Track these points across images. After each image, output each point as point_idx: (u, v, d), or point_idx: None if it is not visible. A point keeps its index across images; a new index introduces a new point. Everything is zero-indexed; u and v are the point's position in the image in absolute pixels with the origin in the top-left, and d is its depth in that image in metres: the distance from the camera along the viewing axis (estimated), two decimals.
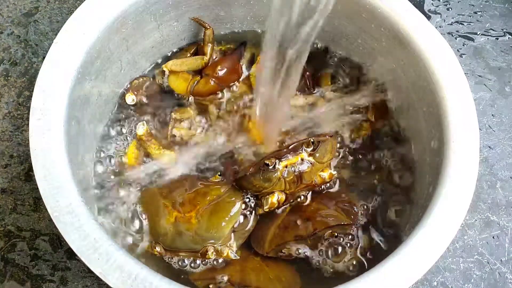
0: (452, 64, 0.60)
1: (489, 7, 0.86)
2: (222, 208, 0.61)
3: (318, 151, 0.61)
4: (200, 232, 0.60)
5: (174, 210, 0.61)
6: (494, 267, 0.68)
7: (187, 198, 0.62)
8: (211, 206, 0.61)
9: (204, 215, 0.61)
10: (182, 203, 0.62)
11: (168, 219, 0.61)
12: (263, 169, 0.60)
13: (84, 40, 0.60)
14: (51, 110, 0.56)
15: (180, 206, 0.61)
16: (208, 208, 0.61)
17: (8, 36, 0.81)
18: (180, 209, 0.61)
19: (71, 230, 0.51)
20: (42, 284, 0.65)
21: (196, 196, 0.62)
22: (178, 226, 0.61)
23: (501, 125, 0.77)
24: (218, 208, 0.61)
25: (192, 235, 0.60)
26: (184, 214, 0.61)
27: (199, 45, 0.73)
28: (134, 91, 0.70)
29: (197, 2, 0.71)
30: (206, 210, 0.61)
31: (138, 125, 0.67)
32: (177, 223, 0.61)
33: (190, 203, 0.61)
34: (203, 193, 0.62)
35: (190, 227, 0.60)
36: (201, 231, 0.60)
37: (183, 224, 0.60)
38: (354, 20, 0.69)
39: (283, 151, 0.61)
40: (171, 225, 0.61)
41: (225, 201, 0.62)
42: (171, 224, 0.61)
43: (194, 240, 0.60)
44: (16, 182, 0.71)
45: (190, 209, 0.61)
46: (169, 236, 0.61)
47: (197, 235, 0.60)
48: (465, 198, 0.54)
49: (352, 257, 0.61)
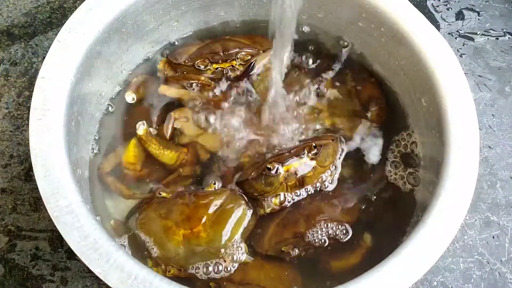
0: (452, 64, 0.60)
1: (489, 7, 0.86)
2: (228, 214, 0.61)
3: (320, 155, 0.62)
4: (213, 244, 0.59)
5: (179, 228, 0.59)
6: (494, 267, 0.68)
7: (190, 214, 0.60)
8: (216, 216, 0.60)
9: (213, 226, 0.59)
10: (186, 220, 0.60)
11: (176, 239, 0.59)
12: (265, 173, 0.60)
13: (84, 40, 0.60)
14: (51, 110, 0.56)
15: (185, 223, 0.60)
16: (213, 218, 0.60)
17: (8, 36, 0.81)
18: (186, 226, 0.59)
19: (71, 230, 0.51)
20: (42, 284, 0.65)
21: (198, 209, 0.60)
22: (188, 244, 0.59)
23: (501, 125, 0.77)
24: (223, 215, 0.60)
25: (205, 249, 0.59)
26: (192, 230, 0.59)
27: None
28: (133, 90, 0.70)
29: (197, 2, 0.71)
30: (213, 221, 0.60)
31: (138, 125, 0.67)
32: (186, 241, 0.59)
33: (195, 218, 0.60)
34: (204, 204, 0.61)
35: (201, 242, 0.59)
36: (213, 242, 0.59)
37: (193, 241, 0.59)
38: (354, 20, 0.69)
39: (285, 155, 0.61)
40: (180, 244, 0.59)
41: (229, 207, 0.61)
42: (180, 243, 0.59)
43: (209, 252, 0.59)
44: (16, 182, 0.71)
45: (196, 224, 0.59)
46: (181, 256, 0.59)
47: (210, 247, 0.59)
48: (465, 198, 0.54)
49: (352, 256, 0.61)
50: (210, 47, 0.70)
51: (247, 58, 0.70)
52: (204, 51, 0.70)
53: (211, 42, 0.72)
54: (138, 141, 0.67)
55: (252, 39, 0.72)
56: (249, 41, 0.71)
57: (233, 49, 0.69)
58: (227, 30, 0.76)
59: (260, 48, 0.71)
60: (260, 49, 0.71)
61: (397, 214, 0.64)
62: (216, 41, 0.72)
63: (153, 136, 0.67)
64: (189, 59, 0.70)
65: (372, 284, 0.50)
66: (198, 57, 0.69)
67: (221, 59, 0.69)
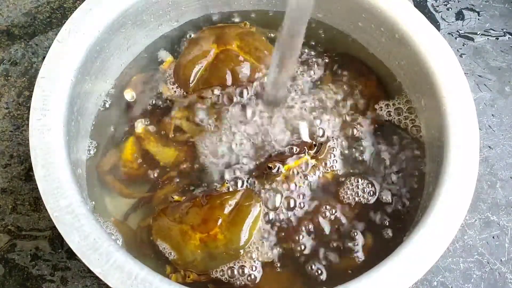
0: (452, 64, 0.60)
1: (489, 7, 0.86)
2: (245, 214, 0.59)
3: (321, 153, 0.62)
4: (231, 246, 0.58)
5: (195, 232, 0.58)
6: (494, 267, 0.68)
7: (205, 216, 0.58)
8: (232, 216, 0.59)
9: (229, 227, 0.58)
10: (202, 223, 0.58)
11: (193, 243, 0.57)
12: (266, 172, 0.60)
13: (84, 40, 0.60)
14: (51, 110, 0.56)
15: (201, 226, 0.58)
16: (230, 219, 0.59)
17: (8, 36, 0.81)
18: (202, 229, 0.58)
19: (71, 230, 0.51)
20: (42, 284, 0.65)
21: (213, 210, 0.59)
22: (205, 247, 0.57)
23: (501, 125, 0.77)
24: (240, 215, 0.59)
25: (224, 251, 0.57)
26: (208, 233, 0.57)
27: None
28: (133, 88, 0.70)
29: (197, 2, 0.71)
30: (229, 222, 0.58)
31: (136, 123, 0.67)
32: (204, 245, 0.57)
33: (210, 220, 0.58)
34: (219, 205, 0.59)
35: (218, 245, 0.57)
36: (231, 244, 0.57)
37: (210, 244, 0.57)
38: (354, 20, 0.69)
39: (286, 154, 0.61)
40: (198, 248, 0.57)
41: (244, 206, 0.59)
42: (198, 248, 0.57)
43: (228, 255, 0.58)
44: (16, 182, 0.71)
45: (213, 226, 0.58)
46: (200, 260, 0.57)
47: (229, 249, 0.57)
48: (465, 198, 0.54)
49: (352, 257, 0.61)
50: (219, 75, 0.68)
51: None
52: (214, 82, 0.68)
53: (207, 30, 0.72)
54: (136, 139, 0.67)
55: (250, 46, 0.70)
56: (256, 60, 0.69)
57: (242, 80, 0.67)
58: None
59: (262, 64, 0.69)
60: (263, 66, 0.69)
61: (397, 214, 0.64)
62: (212, 28, 0.72)
63: (151, 134, 0.67)
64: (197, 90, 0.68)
65: (372, 284, 0.50)
66: (206, 89, 0.68)
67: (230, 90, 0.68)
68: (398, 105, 0.68)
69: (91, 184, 0.64)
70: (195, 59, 0.68)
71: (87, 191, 0.63)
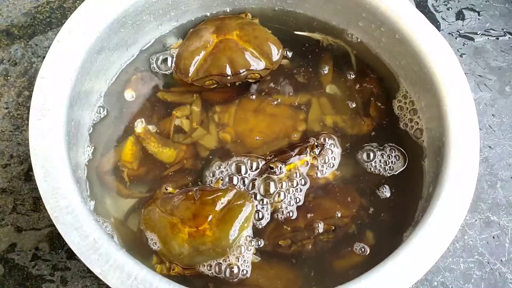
0: (452, 64, 0.60)
1: (489, 7, 0.86)
2: (235, 212, 0.59)
3: (322, 154, 0.62)
4: (218, 243, 0.57)
5: (184, 226, 0.58)
6: (494, 267, 0.68)
7: (195, 211, 0.58)
8: (223, 214, 0.59)
9: (219, 225, 0.58)
10: (192, 217, 0.58)
11: (181, 236, 0.57)
12: (268, 172, 0.60)
13: (84, 40, 0.60)
14: (51, 110, 0.56)
15: (190, 220, 0.58)
16: (220, 216, 0.58)
17: (8, 36, 0.81)
18: (191, 223, 0.58)
19: (71, 230, 0.51)
20: (42, 284, 0.65)
21: (205, 206, 0.58)
22: (193, 242, 0.57)
23: (501, 125, 0.77)
24: (230, 213, 0.59)
25: (211, 248, 0.57)
26: (197, 228, 0.57)
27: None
28: (133, 88, 0.70)
29: (197, 2, 0.71)
30: (219, 219, 0.58)
31: (136, 122, 0.67)
32: (192, 239, 0.57)
33: (201, 215, 0.58)
34: (211, 202, 0.59)
35: (206, 241, 0.57)
36: (219, 241, 0.57)
37: (198, 239, 0.57)
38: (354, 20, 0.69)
39: (288, 155, 0.62)
40: (185, 242, 0.57)
41: (236, 205, 0.59)
42: (185, 242, 0.57)
43: (215, 252, 0.57)
44: (16, 182, 0.71)
45: (202, 221, 0.57)
46: (186, 254, 0.57)
47: (216, 246, 0.57)
48: (465, 198, 0.54)
49: (352, 256, 0.61)
50: (217, 64, 0.68)
51: (256, 76, 0.69)
52: (213, 71, 0.68)
53: (208, 21, 0.72)
54: (136, 139, 0.67)
55: (255, 40, 0.70)
56: (255, 49, 0.68)
57: (241, 68, 0.68)
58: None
59: (268, 63, 0.69)
60: (269, 66, 0.69)
61: (398, 214, 0.64)
62: (212, 20, 0.72)
63: (151, 133, 0.67)
64: (196, 80, 0.68)
65: (372, 284, 0.50)
66: (206, 78, 0.68)
67: (229, 82, 0.68)
68: (398, 105, 0.68)
69: (91, 184, 0.64)
70: (195, 49, 0.69)
71: (87, 191, 0.63)
